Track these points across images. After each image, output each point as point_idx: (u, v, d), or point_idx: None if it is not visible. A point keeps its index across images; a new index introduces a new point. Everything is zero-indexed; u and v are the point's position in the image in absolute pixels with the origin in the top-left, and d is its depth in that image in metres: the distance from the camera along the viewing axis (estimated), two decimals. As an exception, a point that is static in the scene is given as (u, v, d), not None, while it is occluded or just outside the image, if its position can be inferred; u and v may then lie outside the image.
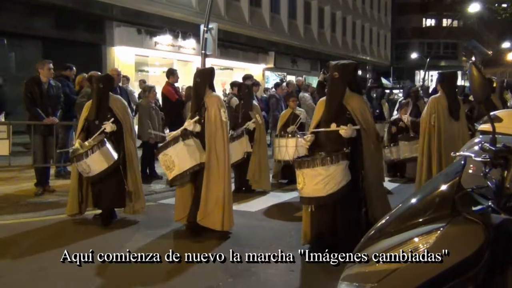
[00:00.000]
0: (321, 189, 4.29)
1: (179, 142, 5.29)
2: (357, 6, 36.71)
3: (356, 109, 4.65)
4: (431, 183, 2.33)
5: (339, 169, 4.31)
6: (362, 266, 2.12)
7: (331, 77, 4.70)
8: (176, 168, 5.27)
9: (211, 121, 5.42)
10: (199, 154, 5.35)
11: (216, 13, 19.01)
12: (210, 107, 5.46)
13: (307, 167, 4.31)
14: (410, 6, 46.67)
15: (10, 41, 14.46)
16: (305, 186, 4.35)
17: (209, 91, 5.59)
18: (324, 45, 30.84)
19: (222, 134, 5.42)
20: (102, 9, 15.84)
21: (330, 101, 4.72)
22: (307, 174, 4.31)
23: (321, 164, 4.27)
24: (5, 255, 4.80)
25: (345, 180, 4.37)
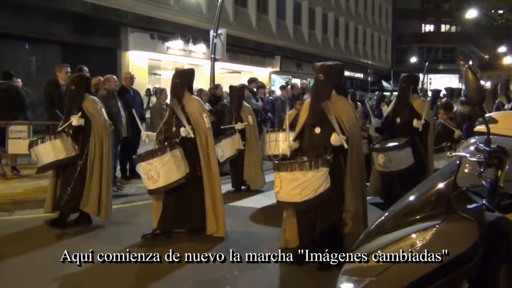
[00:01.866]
0: (297, 194, 3.90)
1: (166, 152, 4.80)
2: (359, 13, 36.62)
3: (342, 114, 4.23)
4: (428, 181, 2.32)
5: (318, 175, 3.89)
6: (361, 261, 2.12)
7: (316, 79, 4.31)
8: (162, 180, 4.79)
9: (198, 128, 5.05)
10: (184, 165, 4.94)
11: (225, 19, 19.04)
12: (191, 112, 5.06)
13: (285, 170, 3.90)
14: (410, 12, 46.45)
15: (31, 45, 14.56)
16: (281, 190, 3.95)
17: (188, 93, 5.20)
18: (327, 49, 30.79)
19: (206, 141, 5.07)
20: (117, 16, 15.92)
21: (315, 105, 4.30)
22: (284, 178, 3.91)
23: (299, 169, 3.87)
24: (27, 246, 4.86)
25: (322, 187, 3.94)
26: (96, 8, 14.94)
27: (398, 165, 5.86)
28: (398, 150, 5.89)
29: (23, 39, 13.89)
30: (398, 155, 5.86)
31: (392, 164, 5.86)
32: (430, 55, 37.52)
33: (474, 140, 4.23)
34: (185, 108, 5.06)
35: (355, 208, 4.23)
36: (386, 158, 5.91)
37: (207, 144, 5.07)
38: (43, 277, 4.09)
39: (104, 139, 5.56)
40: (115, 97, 7.76)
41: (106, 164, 5.56)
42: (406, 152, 5.89)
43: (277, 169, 3.96)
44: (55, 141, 5.26)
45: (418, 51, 44.77)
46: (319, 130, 4.22)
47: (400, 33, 45.84)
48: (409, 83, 6.43)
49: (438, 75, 45.06)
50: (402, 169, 5.85)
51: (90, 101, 5.60)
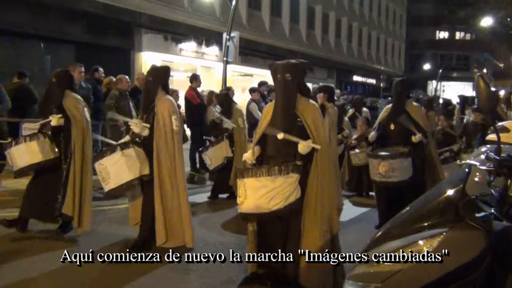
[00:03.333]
0: (265, 204, 3.41)
1: (116, 152, 4.51)
2: (373, 18, 36.51)
3: (308, 117, 3.76)
4: (437, 189, 2.31)
5: (288, 182, 3.43)
6: (367, 266, 2.12)
7: (283, 79, 3.76)
8: (112, 181, 4.50)
9: (160, 129, 4.69)
10: (140, 166, 4.59)
11: (239, 22, 19.10)
12: (160, 112, 4.73)
13: (251, 176, 3.42)
14: (424, 19, 46.21)
15: (46, 45, 14.72)
16: (246, 200, 3.44)
17: (162, 92, 4.84)
18: (340, 54, 30.74)
19: (172, 144, 4.71)
20: (131, 17, 16.04)
21: (282, 108, 3.78)
22: (249, 185, 3.43)
23: (267, 174, 3.42)
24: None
25: (293, 196, 3.49)
26: (110, 8, 15.07)
27: (402, 175, 5.36)
28: (403, 159, 5.40)
29: (38, 38, 14.05)
30: (402, 164, 5.37)
31: (394, 173, 5.37)
32: (444, 62, 37.34)
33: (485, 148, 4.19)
34: (155, 108, 4.75)
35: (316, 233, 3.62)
36: (388, 167, 5.37)
37: (173, 147, 4.72)
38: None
39: (85, 141, 5.18)
40: (127, 97, 7.83)
41: (86, 169, 5.14)
42: (409, 162, 5.42)
43: (241, 176, 3.47)
44: (31, 143, 4.89)
45: (431, 58, 44.50)
46: (282, 136, 3.71)
47: (413, 39, 45.60)
48: (405, 88, 5.92)
49: (451, 83, 44.73)
50: (404, 180, 5.37)
51: (71, 99, 5.20)
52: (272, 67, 3.84)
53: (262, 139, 3.92)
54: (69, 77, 5.40)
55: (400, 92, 5.79)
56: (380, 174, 5.45)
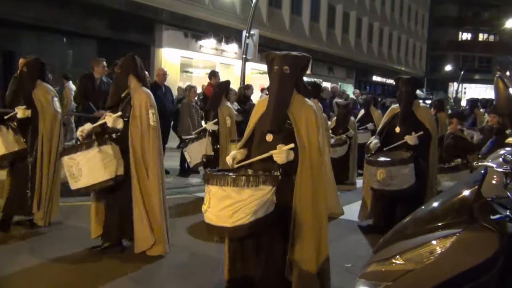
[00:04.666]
0: (227, 217, 2.92)
1: (93, 147, 4.06)
2: (395, 18, 36.13)
3: (301, 119, 3.24)
4: (452, 189, 2.30)
5: (258, 195, 2.93)
6: (379, 265, 2.13)
7: (280, 71, 3.28)
8: (83, 180, 4.07)
9: (136, 123, 4.31)
10: (116, 165, 4.19)
11: (259, 20, 19.12)
12: (137, 105, 4.35)
13: (215, 184, 2.94)
14: (447, 20, 45.54)
15: (68, 39, 14.98)
16: (209, 209, 2.99)
17: (137, 84, 4.46)
18: (360, 54, 30.52)
19: (148, 140, 4.32)
20: (153, 13, 16.19)
21: (275, 105, 3.26)
22: (214, 194, 2.96)
23: (233, 184, 2.91)
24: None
25: (262, 211, 2.97)
26: (132, 4, 15.24)
27: (401, 183, 4.93)
28: (403, 166, 4.94)
29: (61, 32, 14.31)
30: (401, 172, 4.93)
31: (393, 181, 4.94)
32: (466, 64, 36.74)
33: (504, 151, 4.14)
34: (132, 100, 4.39)
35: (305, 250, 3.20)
36: (387, 174, 4.93)
37: (149, 144, 4.33)
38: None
39: (54, 133, 4.92)
40: (146, 92, 7.91)
41: (54, 162, 4.87)
42: (410, 169, 4.96)
43: (206, 181, 3.01)
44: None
45: (453, 59, 43.88)
46: (271, 138, 3.25)
47: (436, 40, 45.00)
48: (413, 87, 5.42)
49: (473, 85, 44.04)
50: (404, 189, 4.95)
51: (42, 88, 4.96)
52: (268, 57, 3.37)
53: (249, 140, 3.44)
54: (41, 66, 5.11)
55: (409, 92, 5.31)
56: (378, 182, 5.04)
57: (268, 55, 3.39)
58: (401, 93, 5.37)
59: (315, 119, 3.27)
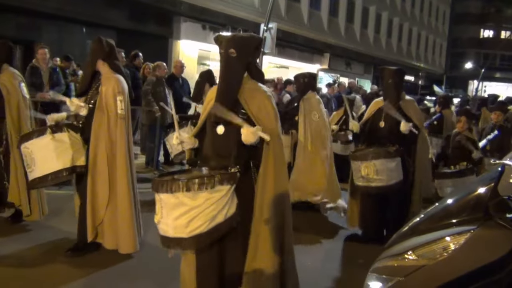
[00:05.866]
0: (183, 227, 2.58)
1: (45, 135, 3.76)
2: (415, 14, 35.66)
3: (253, 105, 2.89)
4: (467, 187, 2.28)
5: (215, 198, 2.60)
6: (391, 260, 2.13)
7: (225, 55, 2.93)
8: (37, 170, 3.77)
9: (101, 112, 3.99)
10: (73, 154, 3.86)
11: (277, 14, 19.06)
12: (104, 92, 4.03)
13: (166, 191, 2.58)
14: (469, 16, 44.79)
15: (88, 30, 15.12)
16: (162, 220, 2.65)
17: (108, 70, 4.13)
18: (379, 49, 30.21)
19: (116, 129, 4.01)
20: (171, 5, 16.25)
21: (222, 92, 2.92)
22: (166, 202, 2.61)
23: (185, 189, 2.55)
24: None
25: (222, 215, 2.65)
26: (152, -4, 15.34)
27: (387, 179, 4.53)
28: (389, 159, 4.54)
29: (81, 23, 14.45)
30: (387, 166, 4.53)
31: (378, 177, 4.53)
32: (487, 61, 36.09)
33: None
34: (100, 87, 4.07)
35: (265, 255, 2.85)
36: (372, 169, 4.55)
37: (116, 134, 4.01)
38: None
39: (22, 120, 4.65)
40: (163, 84, 7.97)
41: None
42: (397, 163, 4.57)
43: (155, 189, 2.64)
44: None
45: (474, 56, 43.18)
46: (222, 130, 2.88)
47: (456, 37, 44.33)
48: (400, 79, 4.97)
49: (493, 83, 43.31)
50: (391, 185, 4.55)
51: (8, 73, 4.70)
52: (217, 40, 3.02)
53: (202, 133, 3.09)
54: (8, 50, 4.86)
55: (396, 84, 4.91)
56: (363, 178, 4.63)
57: (216, 38, 3.03)
58: (386, 85, 5.00)
59: (271, 106, 2.94)
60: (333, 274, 4.19)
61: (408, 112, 4.84)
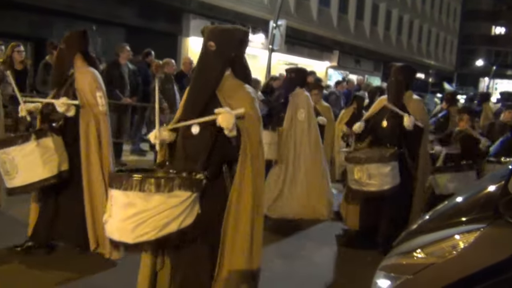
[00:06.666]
0: (129, 230, 2.32)
1: (30, 141, 3.52)
2: (426, 11, 35.37)
3: (235, 107, 2.57)
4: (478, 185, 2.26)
5: (170, 203, 2.33)
6: (400, 258, 2.12)
7: (204, 48, 2.70)
8: (20, 178, 3.53)
9: (86, 109, 3.76)
10: (59, 160, 3.63)
11: (286, 11, 19.00)
12: (81, 89, 3.77)
13: (117, 187, 2.33)
14: (480, 13, 44.33)
15: (98, 27, 15.19)
16: (110, 219, 2.40)
17: (82, 64, 3.88)
18: (388, 47, 30.02)
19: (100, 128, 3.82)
20: (181, 2, 16.28)
21: (196, 88, 2.70)
22: (116, 199, 2.36)
23: (138, 188, 2.29)
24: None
25: (176, 224, 2.36)
26: (161, -7, 15.38)
27: (380, 184, 4.29)
28: (383, 164, 4.30)
29: (91, 20, 14.51)
30: (380, 171, 4.28)
31: (371, 181, 4.30)
32: (499, 59, 35.75)
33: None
34: (75, 83, 3.79)
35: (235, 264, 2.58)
36: (364, 173, 4.32)
37: (100, 133, 3.82)
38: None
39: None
40: (172, 81, 8.00)
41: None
42: (392, 168, 4.31)
43: (109, 184, 2.42)
44: None
45: (485, 54, 42.77)
46: (197, 130, 2.59)
47: (467, 34, 43.90)
48: (407, 76, 4.72)
49: (505, 81, 42.85)
50: (383, 190, 4.32)
51: None
52: (202, 32, 2.78)
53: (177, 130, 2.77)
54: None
55: (400, 82, 4.65)
56: (356, 181, 4.44)
57: (202, 30, 2.79)
58: (391, 83, 4.74)
59: (253, 108, 2.64)
60: (341, 272, 4.19)
61: (412, 111, 4.57)
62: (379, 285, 2.13)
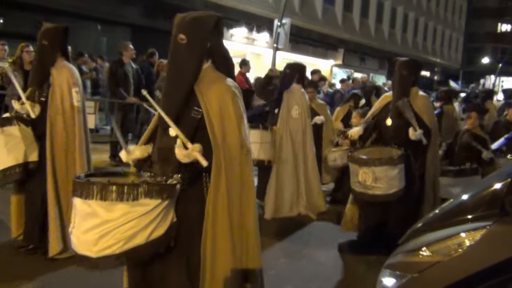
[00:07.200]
0: (91, 243, 2.09)
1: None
2: (431, 8, 35.22)
3: (212, 103, 2.32)
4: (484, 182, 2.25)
5: (137, 213, 2.10)
6: (405, 256, 2.11)
7: (175, 42, 2.40)
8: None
9: (56, 105, 3.67)
10: (25, 150, 3.54)
11: (291, 9, 18.98)
12: (57, 84, 3.70)
13: (79, 195, 2.11)
14: (486, 11, 44.09)
15: (103, 27, 15.25)
16: (73, 230, 2.17)
17: (61, 59, 3.81)
18: (394, 45, 29.92)
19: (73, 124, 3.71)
20: (185, 1, 16.28)
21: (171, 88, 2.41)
22: (78, 209, 2.14)
23: (100, 197, 2.08)
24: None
25: (144, 236, 2.13)
26: (166, -8, 15.39)
27: (387, 188, 4.00)
28: (391, 166, 3.99)
29: (96, 20, 14.58)
30: (388, 173, 3.98)
31: (377, 184, 4.00)
32: (505, 56, 35.51)
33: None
34: (51, 78, 3.73)
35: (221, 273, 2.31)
36: (370, 175, 4.00)
37: (74, 128, 3.71)
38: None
39: None
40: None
41: None
42: (399, 171, 4.02)
43: (72, 192, 2.18)
44: None
45: (491, 51, 42.54)
46: (174, 133, 2.34)
47: (473, 31, 43.68)
48: (413, 72, 4.41)
49: (511, 78, 42.65)
50: (389, 194, 4.02)
51: None
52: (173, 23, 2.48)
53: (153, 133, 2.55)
54: None
55: (405, 77, 4.35)
56: (360, 184, 4.11)
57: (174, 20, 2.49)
58: (396, 78, 4.44)
59: (234, 105, 2.35)
60: (347, 270, 4.18)
61: (418, 110, 4.29)
62: (384, 284, 2.12)
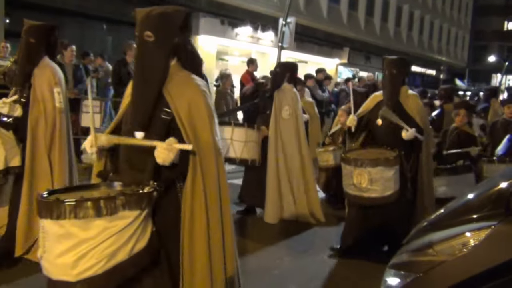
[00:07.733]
0: (68, 267, 1.90)
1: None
2: (437, 6, 35.05)
3: (182, 107, 2.23)
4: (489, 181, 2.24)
5: (116, 227, 1.94)
6: (409, 256, 2.10)
7: (141, 40, 2.28)
8: None
9: (37, 106, 3.54)
10: (6, 155, 3.45)
11: (296, 8, 18.95)
12: (38, 84, 3.56)
13: (48, 216, 1.91)
14: (493, 8, 43.83)
15: (108, 26, 15.29)
16: (44, 255, 1.98)
17: (45, 58, 3.68)
18: (399, 43, 29.81)
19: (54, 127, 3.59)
20: (190, 0, 16.31)
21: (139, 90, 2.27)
22: (48, 231, 1.94)
23: (73, 215, 1.88)
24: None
25: (126, 251, 1.99)
26: (170, -8, 15.40)
27: (382, 190, 3.86)
28: (387, 167, 3.86)
29: (101, 19, 14.62)
30: (384, 174, 3.84)
31: (372, 187, 3.86)
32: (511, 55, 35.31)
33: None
34: (32, 78, 3.59)
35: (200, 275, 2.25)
36: (366, 177, 3.84)
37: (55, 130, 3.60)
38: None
39: None
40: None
41: None
42: (395, 172, 3.91)
43: (39, 213, 1.98)
44: None
45: (498, 49, 42.29)
46: (142, 136, 2.21)
47: (479, 30, 43.43)
48: (403, 70, 4.28)
49: (518, 77, 42.41)
50: (385, 196, 3.89)
51: None
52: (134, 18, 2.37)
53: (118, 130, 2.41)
54: None
55: (394, 76, 4.22)
56: (355, 186, 3.94)
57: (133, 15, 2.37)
58: (385, 77, 4.32)
59: (204, 105, 2.26)
60: (351, 269, 4.17)
61: (410, 110, 4.20)
62: (389, 283, 2.11)
